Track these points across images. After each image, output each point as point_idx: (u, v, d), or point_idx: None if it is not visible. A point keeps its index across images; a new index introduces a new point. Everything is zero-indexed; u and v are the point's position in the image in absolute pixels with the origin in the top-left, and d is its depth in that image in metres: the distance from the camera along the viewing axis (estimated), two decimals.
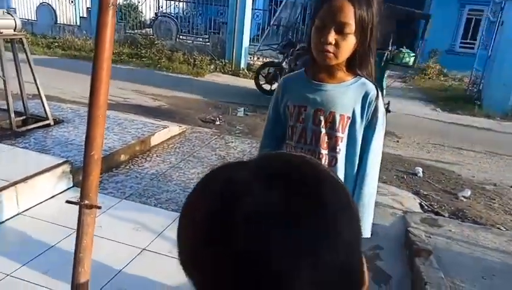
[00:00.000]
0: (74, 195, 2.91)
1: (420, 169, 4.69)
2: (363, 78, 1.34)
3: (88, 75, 1.36)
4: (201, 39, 12.31)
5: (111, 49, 1.42)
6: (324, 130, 1.34)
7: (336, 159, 1.39)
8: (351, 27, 1.22)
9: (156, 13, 14.12)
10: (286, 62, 7.51)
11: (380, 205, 3.33)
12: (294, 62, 7.24)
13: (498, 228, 3.39)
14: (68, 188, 3.18)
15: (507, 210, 3.91)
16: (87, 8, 14.05)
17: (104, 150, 3.35)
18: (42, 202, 2.95)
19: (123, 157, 3.90)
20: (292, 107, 1.39)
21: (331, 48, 1.24)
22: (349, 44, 1.25)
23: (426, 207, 3.77)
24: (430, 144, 5.98)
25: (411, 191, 4.13)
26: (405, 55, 7.24)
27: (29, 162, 3.15)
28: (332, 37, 1.23)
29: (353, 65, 1.32)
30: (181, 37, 12.32)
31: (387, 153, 4.75)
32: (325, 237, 0.40)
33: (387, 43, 6.76)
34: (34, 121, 4.31)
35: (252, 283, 0.39)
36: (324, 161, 1.37)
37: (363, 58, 1.31)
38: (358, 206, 1.32)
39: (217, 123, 6.12)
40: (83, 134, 1.45)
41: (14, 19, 4.06)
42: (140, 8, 14.12)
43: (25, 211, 2.82)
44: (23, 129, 4.10)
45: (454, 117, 8.09)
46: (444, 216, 3.55)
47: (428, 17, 7.52)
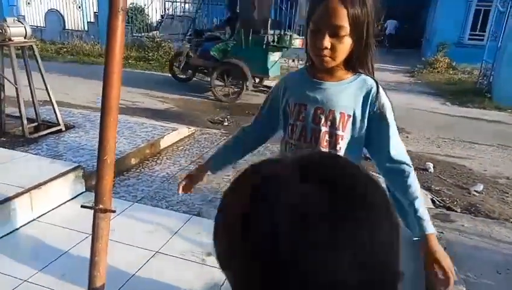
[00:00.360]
0: (87, 200, 2.95)
1: (431, 164, 4.65)
2: (363, 74, 1.33)
3: (97, 80, 1.39)
4: None
5: (121, 53, 1.44)
6: (324, 129, 1.33)
7: None
8: (346, 29, 1.19)
9: (162, 15, 14.19)
10: (191, 50, 8.16)
11: None
12: (194, 49, 8.13)
13: None
14: (81, 193, 3.22)
15: None
16: (94, 13, 14.18)
17: (115, 154, 3.38)
18: (56, 208, 2.99)
19: (134, 160, 3.93)
20: (293, 105, 1.38)
21: (327, 52, 1.23)
22: (345, 46, 1.23)
23: (438, 202, 3.74)
24: (440, 139, 5.92)
25: (422, 186, 4.09)
26: (289, 38, 7.76)
27: (42, 168, 3.19)
28: (327, 42, 1.21)
29: (352, 63, 1.31)
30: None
31: None
32: (368, 238, 0.41)
33: (265, 27, 7.38)
34: (46, 127, 4.38)
35: (297, 284, 0.39)
36: None
37: (362, 55, 1.29)
38: (415, 203, 1.29)
39: (225, 124, 6.14)
40: (94, 139, 1.47)
41: (25, 27, 4.12)
42: (146, 11, 14.21)
43: (40, 217, 2.86)
44: (35, 136, 4.16)
45: (464, 110, 7.99)
46: (457, 211, 3.52)
47: None
